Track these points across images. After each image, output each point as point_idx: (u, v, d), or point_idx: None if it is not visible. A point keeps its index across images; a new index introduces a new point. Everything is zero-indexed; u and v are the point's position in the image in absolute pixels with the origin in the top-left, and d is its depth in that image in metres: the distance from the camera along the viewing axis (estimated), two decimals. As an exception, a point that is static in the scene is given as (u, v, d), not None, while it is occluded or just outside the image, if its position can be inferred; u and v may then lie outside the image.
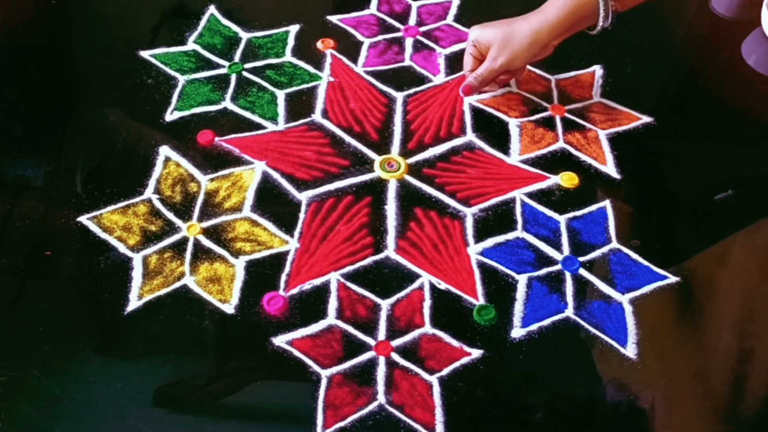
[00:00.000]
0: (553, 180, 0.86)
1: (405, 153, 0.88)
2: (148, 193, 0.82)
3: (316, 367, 0.69)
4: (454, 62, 0.99)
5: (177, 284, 0.74)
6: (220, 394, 0.70)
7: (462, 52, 1.00)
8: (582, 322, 0.73)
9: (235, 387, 0.70)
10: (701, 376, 0.71)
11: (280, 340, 0.71)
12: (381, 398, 0.68)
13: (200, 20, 1.02)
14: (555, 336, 0.73)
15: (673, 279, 0.77)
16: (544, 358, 0.72)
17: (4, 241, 0.78)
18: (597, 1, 0.81)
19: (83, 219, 0.79)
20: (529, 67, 0.98)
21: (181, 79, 0.94)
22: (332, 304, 0.74)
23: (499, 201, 0.84)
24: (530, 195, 0.84)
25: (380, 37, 1.02)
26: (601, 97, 0.95)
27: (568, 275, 0.77)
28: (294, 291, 0.75)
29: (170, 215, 0.80)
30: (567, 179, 0.86)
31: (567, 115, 0.93)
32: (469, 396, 0.68)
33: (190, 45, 0.99)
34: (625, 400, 0.70)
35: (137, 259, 0.76)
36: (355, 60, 0.98)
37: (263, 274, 0.76)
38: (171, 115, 0.90)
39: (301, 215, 0.81)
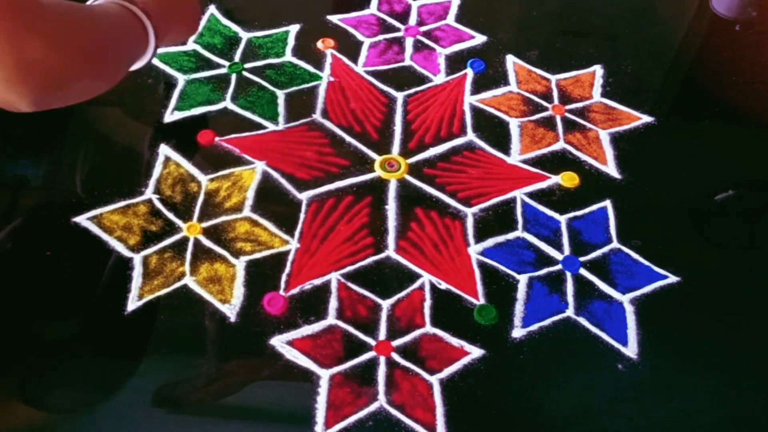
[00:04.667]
0: (553, 180, 0.86)
1: (405, 153, 0.88)
2: (149, 193, 0.82)
3: (316, 367, 0.69)
4: (455, 62, 0.99)
5: (177, 284, 0.74)
6: (220, 394, 0.69)
7: (462, 51, 1.00)
8: (583, 322, 0.73)
9: (235, 387, 0.70)
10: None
11: (280, 340, 0.71)
12: (382, 398, 0.68)
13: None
14: (556, 336, 0.73)
15: (673, 279, 0.77)
16: (545, 358, 0.71)
17: (4, 241, 0.78)
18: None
19: (83, 219, 0.79)
20: (529, 67, 0.98)
21: (181, 78, 0.94)
22: (333, 304, 0.74)
23: (500, 201, 0.84)
24: (531, 195, 0.84)
25: (380, 37, 1.02)
26: (601, 97, 0.95)
27: (568, 275, 0.77)
28: (294, 291, 0.74)
29: (170, 215, 0.80)
30: (567, 179, 0.86)
31: (567, 115, 0.93)
32: (470, 396, 0.68)
33: (190, 45, 0.99)
34: (625, 401, 0.70)
35: (137, 259, 0.76)
36: (355, 60, 0.98)
37: (263, 274, 0.76)
38: (171, 115, 0.90)
39: (302, 215, 0.81)
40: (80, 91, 0.63)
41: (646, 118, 0.93)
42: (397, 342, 0.71)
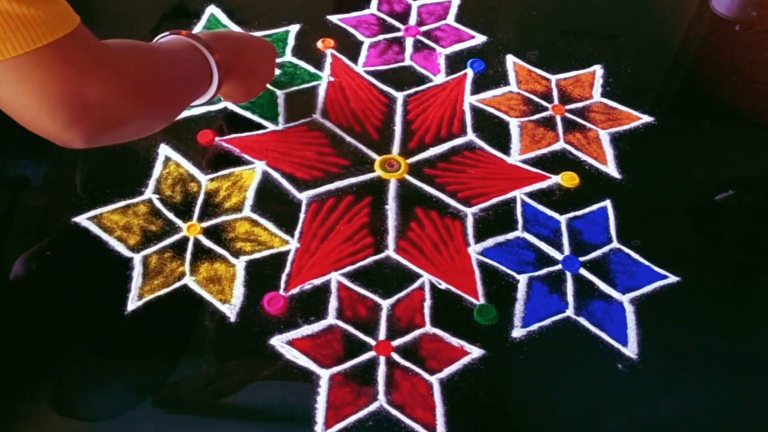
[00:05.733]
0: (553, 180, 0.86)
1: (405, 153, 0.88)
2: (149, 193, 0.82)
3: (316, 367, 0.69)
4: (455, 62, 0.99)
5: (177, 284, 0.74)
6: (220, 394, 0.69)
7: (462, 51, 1.00)
8: (583, 322, 0.73)
9: (235, 387, 0.70)
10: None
11: (280, 340, 0.71)
12: (381, 398, 0.68)
13: (200, 20, 1.02)
14: (555, 336, 0.73)
15: (673, 279, 0.77)
16: (545, 358, 0.71)
17: (4, 241, 0.78)
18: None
19: (83, 219, 0.79)
20: (529, 67, 0.98)
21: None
22: (333, 304, 0.74)
23: (500, 201, 0.84)
24: (531, 195, 0.84)
25: (380, 37, 1.02)
26: (601, 97, 0.95)
27: (568, 275, 0.77)
28: (294, 291, 0.74)
29: (170, 215, 0.80)
30: (567, 179, 0.86)
31: (567, 115, 0.93)
32: (470, 396, 0.68)
33: (190, 45, 0.99)
34: (625, 401, 0.70)
35: (137, 259, 0.76)
36: (355, 60, 0.98)
37: (263, 274, 0.76)
38: (171, 115, 0.90)
39: (302, 215, 0.81)
40: (136, 131, 0.63)
41: (646, 118, 0.93)
42: (397, 342, 0.71)
